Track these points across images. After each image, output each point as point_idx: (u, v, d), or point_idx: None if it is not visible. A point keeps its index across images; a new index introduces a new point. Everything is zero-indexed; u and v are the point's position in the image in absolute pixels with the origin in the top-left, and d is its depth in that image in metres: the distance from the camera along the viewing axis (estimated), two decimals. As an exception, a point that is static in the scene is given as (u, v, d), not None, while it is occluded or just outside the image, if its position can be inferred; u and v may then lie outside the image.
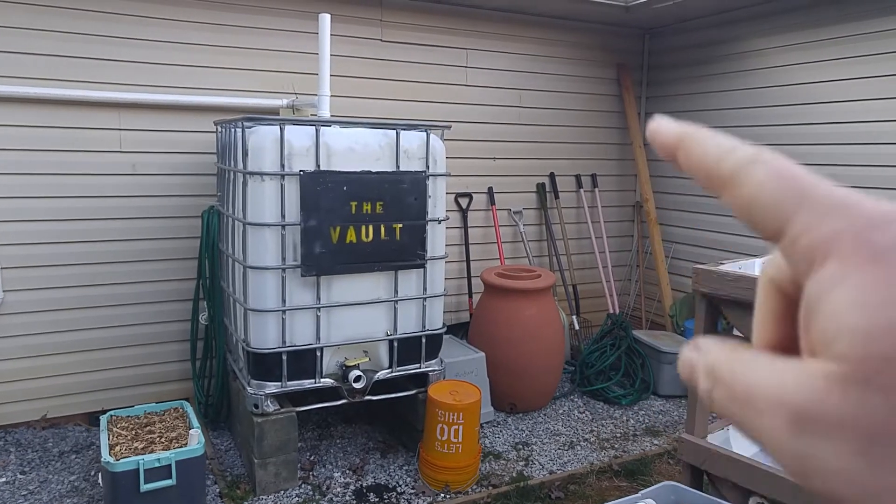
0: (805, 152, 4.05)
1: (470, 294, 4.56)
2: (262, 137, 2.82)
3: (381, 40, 4.17)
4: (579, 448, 3.59)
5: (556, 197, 4.90)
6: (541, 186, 4.88)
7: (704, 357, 0.26)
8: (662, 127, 0.28)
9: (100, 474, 2.70)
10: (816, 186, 0.23)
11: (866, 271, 0.21)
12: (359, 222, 2.93)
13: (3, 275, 3.40)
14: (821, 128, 3.99)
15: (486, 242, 4.72)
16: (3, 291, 3.41)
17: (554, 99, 4.83)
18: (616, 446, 3.62)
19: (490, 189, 4.68)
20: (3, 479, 3.11)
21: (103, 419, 2.97)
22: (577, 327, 4.75)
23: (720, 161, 0.26)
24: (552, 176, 4.90)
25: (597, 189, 5.08)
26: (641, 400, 4.19)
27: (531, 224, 4.92)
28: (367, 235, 2.95)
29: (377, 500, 3.03)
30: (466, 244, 4.57)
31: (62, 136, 3.46)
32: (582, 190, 5.03)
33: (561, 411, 4.03)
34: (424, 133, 3.09)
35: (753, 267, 2.44)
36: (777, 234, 0.24)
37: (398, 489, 3.12)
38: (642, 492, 2.09)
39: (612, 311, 4.85)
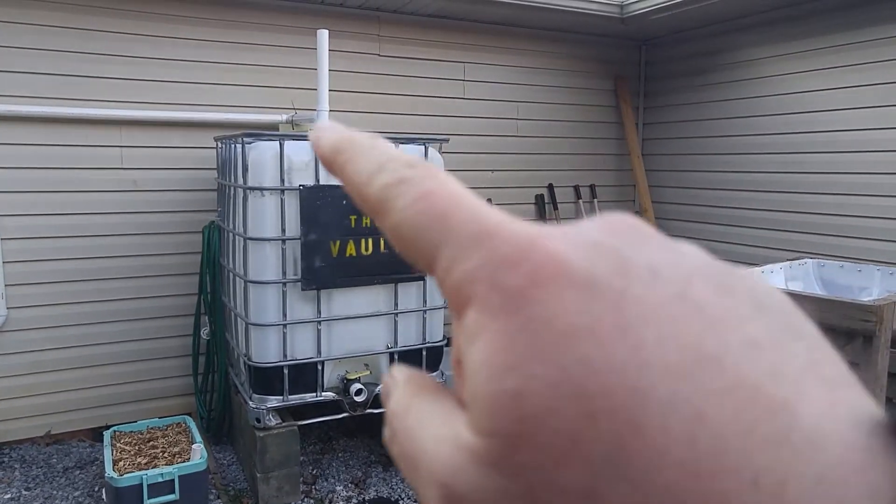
0: (803, 160, 4.07)
1: (470, 305, 4.56)
2: (262, 153, 2.86)
3: (378, 55, 4.21)
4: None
5: (556, 208, 4.92)
6: (539, 198, 4.91)
7: (392, 396, 0.21)
8: (322, 135, 0.23)
9: (104, 490, 2.72)
10: (461, 211, 0.19)
11: (497, 323, 0.17)
12: (358, 236, 2.95)
13: (6, 292, 3.42)
14: (820, 136, 3.99)
15: (486, 254, 4.73)
16: (7, 309, 3.43)
17: (551, 111, 4.86)
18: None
19: (489, 201, 4.58)
20: (8, 496, 3.12)
21: (107, 434, 3.00)
22: (577, 337, 4.75)
23: (370, 180, 0.21)
24: (551, 187, 4.92)
25: (596, 199, 5.10)
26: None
27: (531, 235, 4.93)
28: (366, 249, 2.97)
29: (379, 512, 3.05)
30: (466, 256, 4.58)
31: (65, 154, 3.49)
32: (581, 201, 5.05)
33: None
34: (423, 146, 3.12)
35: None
36: (431, 271, 0.20)
37: (400, 502, 3.13)
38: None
39: (612, 321, 4.85)
